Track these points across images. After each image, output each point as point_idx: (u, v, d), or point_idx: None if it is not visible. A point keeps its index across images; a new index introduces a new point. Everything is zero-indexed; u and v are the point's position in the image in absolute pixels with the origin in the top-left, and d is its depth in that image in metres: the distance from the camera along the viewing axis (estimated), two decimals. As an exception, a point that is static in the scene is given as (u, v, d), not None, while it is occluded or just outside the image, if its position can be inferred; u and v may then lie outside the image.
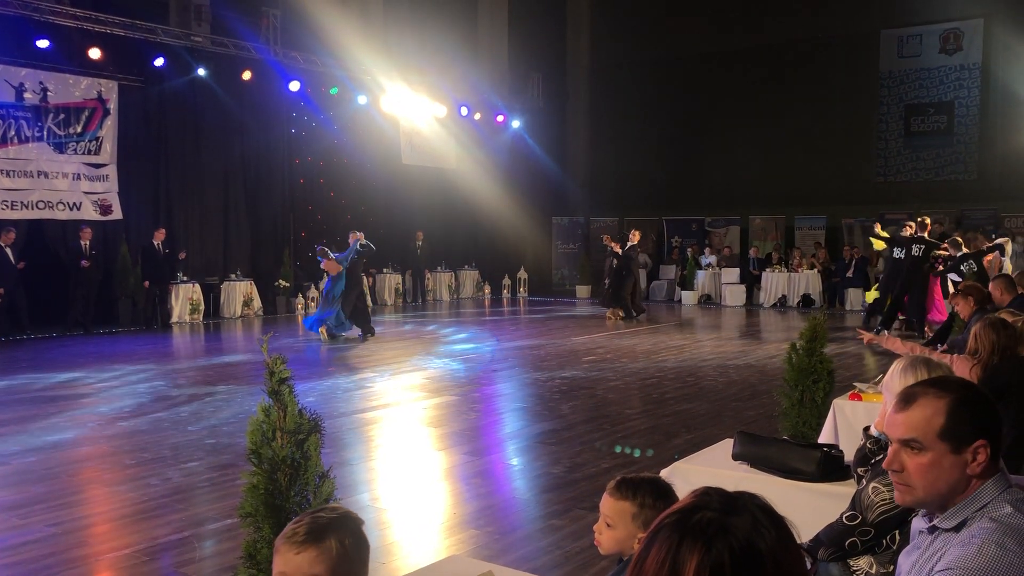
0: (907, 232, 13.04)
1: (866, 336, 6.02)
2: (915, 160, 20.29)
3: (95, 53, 14.26)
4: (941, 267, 12.68)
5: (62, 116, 14.38)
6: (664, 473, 3.71)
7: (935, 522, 1.78)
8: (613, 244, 16.72)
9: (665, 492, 2.29)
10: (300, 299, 17.52)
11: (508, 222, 21.46)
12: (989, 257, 12.17)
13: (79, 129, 14.60)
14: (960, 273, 11.37)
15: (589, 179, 23.81)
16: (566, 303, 20.37)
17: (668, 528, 1.08)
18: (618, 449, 6.71)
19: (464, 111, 20.46)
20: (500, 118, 21.69)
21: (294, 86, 16.99)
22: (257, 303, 16.90)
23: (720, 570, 1.03)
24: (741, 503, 1.10)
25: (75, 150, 14.56)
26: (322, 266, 13.51)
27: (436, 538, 4.90)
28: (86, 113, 14.70)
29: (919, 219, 13.10)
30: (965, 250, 11.90)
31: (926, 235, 12.81)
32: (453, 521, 5.15)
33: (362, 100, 18.35)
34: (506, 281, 22.08)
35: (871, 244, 15.51)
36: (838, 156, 20.47)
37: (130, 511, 5.34)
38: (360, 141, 18.84)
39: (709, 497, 1.12)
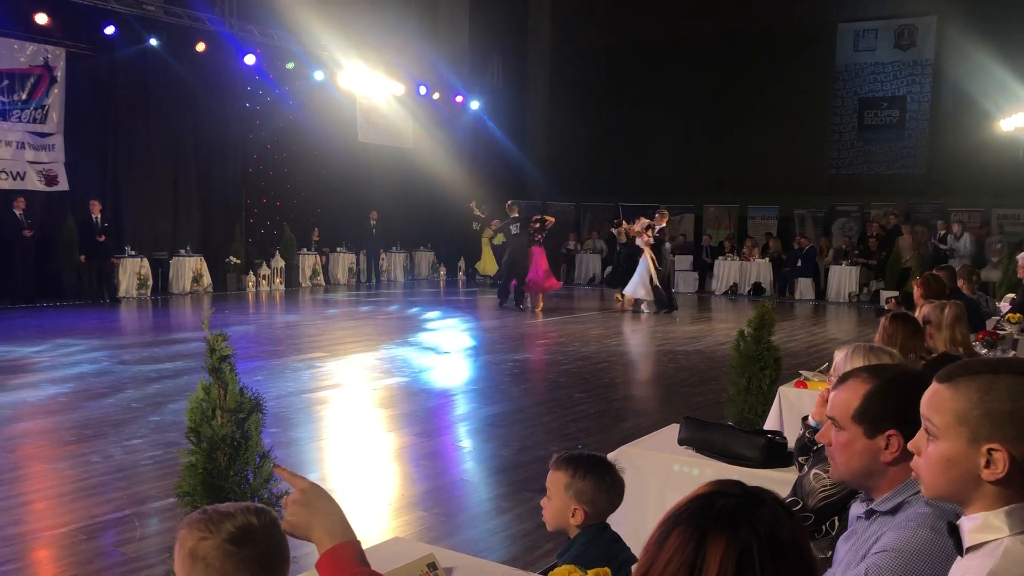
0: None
1: None
2: (867, 153, 20.61)
3: (42, 18, 13.82)
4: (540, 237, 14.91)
5: (6, 82, 13.93)
6: (611, 457, 3.72)
7: (872, 505, 1.81)
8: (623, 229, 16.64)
9: (603, 466, 2.30)
10: (251, 276, 17.27)
11: (465, 204, 21.33)
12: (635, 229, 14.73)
13: (24, 96, 14.16)
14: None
15: (547, 163, 23.75)
16: (521, 286, 20.35)
17: (687, 516, 1.05)
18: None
19: (423, 90, 20.27)
20: (459, 98, 21.54)
21: (249, 60, 16.65)
22: (207, 279, 16.62)
23: (747, 558, 1.00)
24: (758, 493, 1.08)
25: (19, 118, 14.13)
26: None
27: (383, 519, 4.87)
28: (31, 80, 14.26)
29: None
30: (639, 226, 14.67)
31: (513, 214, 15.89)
32: (401, 502, 5.13)
33: (319, 76, 18.07)
34: (462, 263, 22.00)
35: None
36: (792, 147, 20.69)
37: (70, 488, 5.22)
38: (316, 117, 18.56)
39: (726, 487, 1.09)
